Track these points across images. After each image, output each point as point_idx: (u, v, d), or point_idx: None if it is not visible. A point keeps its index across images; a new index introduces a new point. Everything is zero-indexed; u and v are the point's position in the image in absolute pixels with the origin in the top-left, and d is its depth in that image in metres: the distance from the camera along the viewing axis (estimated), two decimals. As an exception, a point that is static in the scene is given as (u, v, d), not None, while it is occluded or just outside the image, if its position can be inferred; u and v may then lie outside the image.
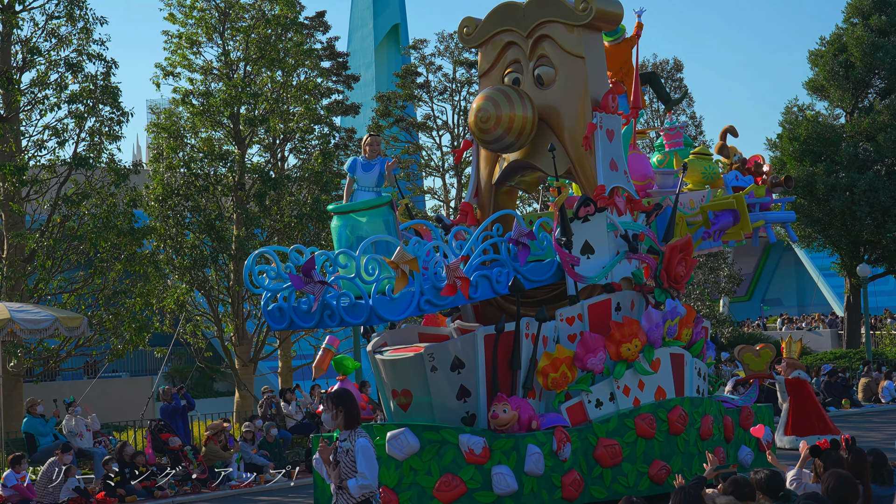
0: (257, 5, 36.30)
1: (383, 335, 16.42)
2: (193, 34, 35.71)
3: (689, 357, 17.59)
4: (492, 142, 16.89)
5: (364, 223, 15.16)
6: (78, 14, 33.07)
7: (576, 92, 16.93)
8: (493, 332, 15.13)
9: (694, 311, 17.76)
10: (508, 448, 14.79)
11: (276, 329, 15.32)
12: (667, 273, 16.94)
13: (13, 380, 31.39)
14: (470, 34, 17.95)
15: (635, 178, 17.58)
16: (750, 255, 78.19)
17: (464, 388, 15.30)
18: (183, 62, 35.71)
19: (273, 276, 14.78)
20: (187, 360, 44.72)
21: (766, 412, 19.24)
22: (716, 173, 19.76)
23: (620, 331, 16.27)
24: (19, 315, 25.11)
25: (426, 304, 14.95)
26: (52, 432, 25.97)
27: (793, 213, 21.05)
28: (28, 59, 32.68)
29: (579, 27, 16.87)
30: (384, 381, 15.95)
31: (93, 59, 33.12)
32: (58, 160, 32.69)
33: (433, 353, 15.32)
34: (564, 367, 15.75)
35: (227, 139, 35.83)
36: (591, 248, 16.71)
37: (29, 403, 26.34)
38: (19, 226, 32.02)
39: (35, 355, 32.82)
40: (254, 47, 35.70)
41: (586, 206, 16.34)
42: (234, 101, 35.05)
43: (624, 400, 16.45)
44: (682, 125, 20.78)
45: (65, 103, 32.75)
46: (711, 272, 46.75)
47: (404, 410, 15.79)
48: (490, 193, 17.81)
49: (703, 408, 17.45)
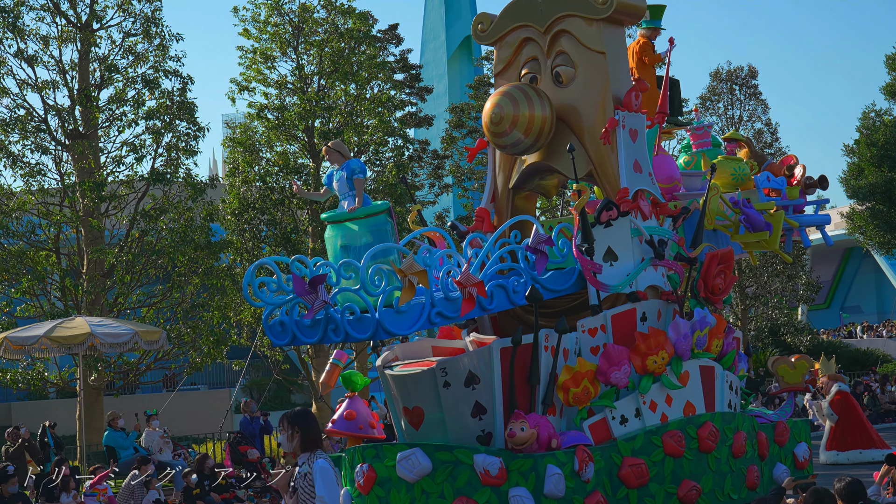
0: (331, 19, 36.54)
1: (394, 349, 15.36)
2: (268, 49, 36.05)
3: (719, 370, 16.37)
4: (507, 144, 15.85)
5: (357, 232, 14.46)
6: (154, 31, 33.61)
7: (596, 90, 15.93)
8: (509, 345, 14.13)
9: (724, 320, 16.60)
10: (527, 469, 13.89)
11: (278, 345, 14.45)
12: (704, 283, 16.03)
13: (94, 393, 31.83)
14: (485, 30, 16.94)
15: (661, 180, 16.47)
16: (828, 262, 77.33)
17: (479, 405, 14.32)
18: (258, 77, 36.06)
19: (274, 288, 13.82)
20: (265, 373, 45.08)
21: (802, 427, 18.09)
22: (746, 174, 18.53)
23: (646, 342, 15.19)
24: (99, 329, 25.42)
25: (437, 317, 14.08)
26: (132, 445, 26.22)
27: (828, 216, 20.03)
28: (106, 76, 33.23)
29: (599, 21, 15.85)
30: (394, 397, 14.98)
31: (169, 76, 33.61)
32: (136, 176, 33.15)
33: (446, 368, 14.30)
34: (586, 381, 14.71)
35: (301, 152, 36.08)
36: (615, 254, 15.65)
37: (110, 417, 26.62)
38: (99, 241, 32.47)
39: (115, 369, 33.26)
40: (327, 61, 35.94)
41: (608, 211, 15.34)
42: (309, 115, 35.30)
43: (650, 416, 15.38)
44: (709, 124, 19.60)
45: (142, 119, 33.27)
46: (789, 280, 46.26)
47: (416, 429, 14.80)
48: (507, 199, 16.75)
49: (735, 423, 16.26)
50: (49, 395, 40.50)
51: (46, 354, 27.55)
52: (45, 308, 32.21)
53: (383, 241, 14.27)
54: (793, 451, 17.57)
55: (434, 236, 15.88)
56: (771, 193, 18.39)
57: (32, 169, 32.79)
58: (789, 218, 18.35)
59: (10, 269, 31.93)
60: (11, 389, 34.12)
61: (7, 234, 32.28)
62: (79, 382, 28.61)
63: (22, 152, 32.97)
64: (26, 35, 33.21)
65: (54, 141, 33.22)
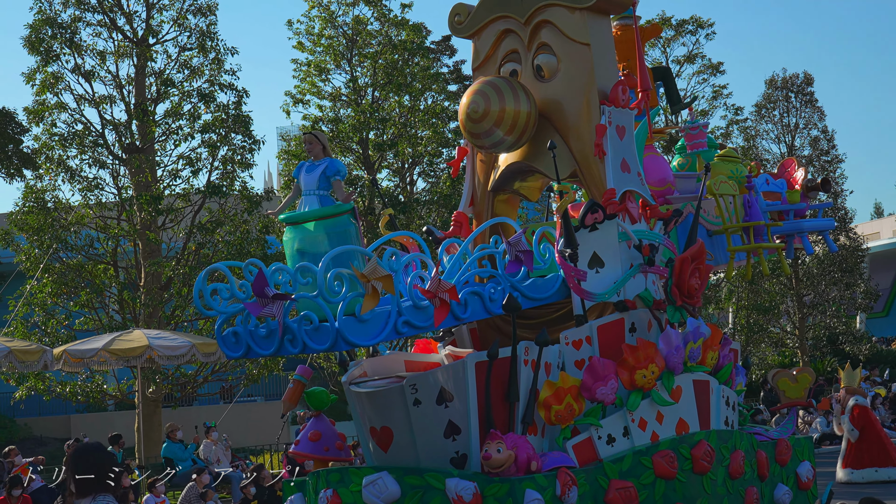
0: (384, 31, 36.66)
1: (362, 364, 13.85)
2: (322, 62, 36.22)
3: (715, 384, 15.01)
4: (484, 139, 14.39)
5: (314, 233, 12.86)
6: (209, 45, 33.88)
7: (580, 83, 14.55)
8: (485, 359, 12.70)
9: (720, 331, 15.29)
10: (503, 494, 12.56)
11: (232, 357, 12.89)
12: (678, 289, 14.53)
13: (152, 405, 32.05)
14: (461, 23, 15.51)
15: (653, 182, 15.32)
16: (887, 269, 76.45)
17: (452, 425, 12.88)
18: (312, 89, 36.25)
19: (227, 295, 12.30)
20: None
21: (805, 445, 16.66)
22: (744, 177, 17.33)
23: (634, 355, 13.82)
24: (157, 342, 25.62)
25: (405, 327, 12.57)
26: (190, 457, 26.40)
27: (832, 221, 18.91)
28: (162, 90, 33.53)
29: (583, 10, 14.52)
30: (360, 417, 13.47)
31: (224, 89, 33.86)
32: (192, 189, 33.39)
33: (416, 384, 12.81)
34: (570, 397, 13.32)
35: (356, 164, 36.18)
36: (601, 260, 14.30)
37: (169, 429, 26.82)
38: (156, 254, 32.73)
39: (173, 381, 33.47)
40: (381, 73, 36.05)
41: (594, 213, 13.96)
42: (363, 127, 35.41)
43: (640, 435, 13.95)
44: (703, 124, 18.06)
45: (198, 133, 33.52)
46: (847, 288, 45.85)
47: (384, 451, 13.32)
48: (487, 202, 15.32)
49: (732, 442, 14.92)
50: (108, 407, 40.82)
51: (105, 367, 27.80)
52: (104, 321, 32.49)
53: (345, 245, 12.73)
54: (795, 470, 16.22)
55: (406, 241, 14.55)
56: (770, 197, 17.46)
57: (90, 183, 33.14)
58: (791, 225, 17.53)
59: (69, 283, 32.27)
60: (71, 402, 34.42)
61: (66, 248, 32.61)
62: (137, 395, 28.85)
63: (80, 167, 33.37)
64: (84, 51, 33.60)
65: (111, 155, 33.55)
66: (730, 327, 45.31)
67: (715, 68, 45.69)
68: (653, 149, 16.44)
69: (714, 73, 45.77)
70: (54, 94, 33.32)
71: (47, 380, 32.02)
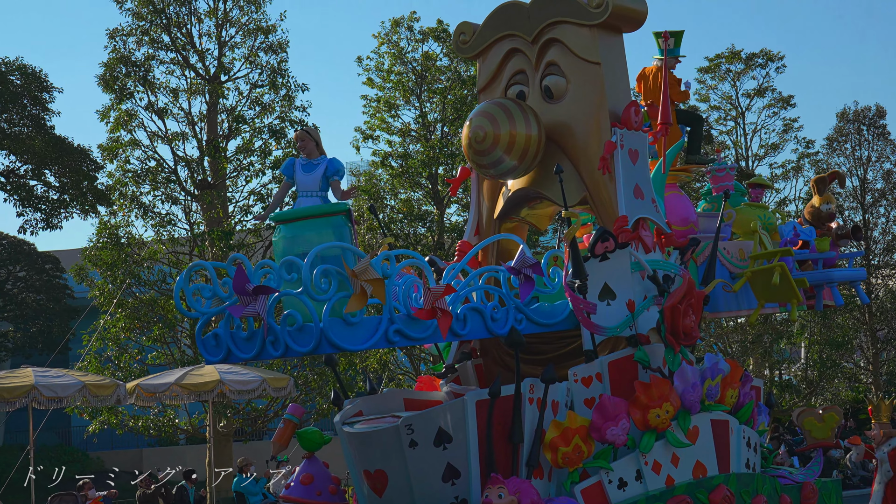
0: (453, 67, 36.77)
1: (358, 402, 13.00)
2: (391, 98, 36.40)
3: (735, 424, 14.02)
4: (489, 165, 13.47)
5: (307, 233, 12.01)
6: (280, 82, 34.19)
7: (590, 104, 13.71)
8: (486, 397, 11.85)
9: (740, 367, 14.42)
10: None
11: (212, 362, 12.15)
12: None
13: (223, 440, 32.21)
14: (466, 42, 14.67)
15: (675, 221, 14.52)
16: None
17: (451, 468, 11.96)
18: (381, 125, 36.43)
19: (209, 295, 11.55)
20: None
21: (832, 488, 15.70)
22: (772, 224, 16.59)
23: (648, 393, 12.87)
24: (228, 377, 25.77)
25: (396, 336, 11.62)
26: (261, 491, 26.48)
27: (863, 271, 17.83)
28: (233, 127, 33.85)
29: (594, 27, 13.71)
30: (354, 459, 12.52)
31: (295, 126, 34.05)
32: (263, 225, 33.54)
33: (412, 425, 11.92)
34: (578, 438, 12.37)
35: (425, 199, 36.27)
36: (612, 292, 13.41)
37: (242, 463, 26.93)
38: (227, 289, 32.88)
39: (243, 415, 33.59)
40: (450, 108, 36.15)
41: (604, 242, 13.10)
42: (432, 162, 35.51)
43: (654, 479, 13.02)
44: (731, 166, 17.05)
45: (269, 169, 33.74)
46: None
47: (378, 496, 12.34)
48: (493, 230, 14.34)
49: (753, 486, 13.96)
50: (179, 441, 41.10)
51: (177, 401, 28.00)
52: (176, 356, 32.76)
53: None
54: None
55: (408, 272, 13.17)
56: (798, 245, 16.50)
57: (163, 219, 33.54)
58: (820, 274, 16.54)
59: (141, 318, 32.57)
60: (143, 436, 34.68)
61: (139, 283, 32.95)
62: (208, 429, 28.99)
63: (153, 203, 33.76)
64: (157, 88, 34.07)
65: (184, 191, 33.91)
66: (802, 362, 44.83)
67: (786, 101, 45.30)
68: (676, 187, 15.64)
69: (784, 107, 45.42)
70: (128, 131, 33.77)
71: (120, 414, 32.29)
